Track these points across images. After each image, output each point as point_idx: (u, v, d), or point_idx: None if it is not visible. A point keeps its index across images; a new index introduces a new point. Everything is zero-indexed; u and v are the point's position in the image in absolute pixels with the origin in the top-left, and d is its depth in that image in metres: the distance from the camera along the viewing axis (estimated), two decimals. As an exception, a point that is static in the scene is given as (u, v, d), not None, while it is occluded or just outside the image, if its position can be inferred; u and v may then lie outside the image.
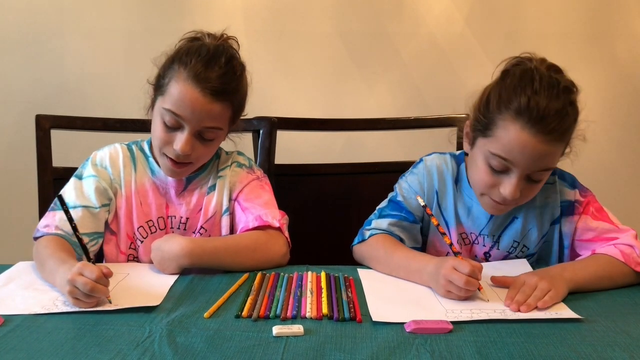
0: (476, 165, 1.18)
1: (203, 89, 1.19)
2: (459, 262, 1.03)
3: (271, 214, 1.29)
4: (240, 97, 1.28)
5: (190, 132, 1.21)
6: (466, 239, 1.29)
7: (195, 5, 2.35)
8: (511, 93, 1.10)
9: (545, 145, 1.08)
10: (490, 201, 1.19)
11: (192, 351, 0.85)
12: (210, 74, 1.19)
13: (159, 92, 1.24)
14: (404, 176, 1.34)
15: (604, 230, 1.22)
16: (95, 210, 1.27)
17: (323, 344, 0.87)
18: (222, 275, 1.17)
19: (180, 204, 1.32)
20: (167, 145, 1.23)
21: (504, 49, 1.24)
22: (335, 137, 2.40)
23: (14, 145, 2.34)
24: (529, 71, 1.11)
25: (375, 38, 2.44)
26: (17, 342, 0.88)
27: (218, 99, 1.20)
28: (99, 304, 1.00)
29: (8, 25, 2.31)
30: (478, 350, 0.86)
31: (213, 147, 1.29)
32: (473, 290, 1.02)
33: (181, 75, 1.20)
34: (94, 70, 2.35)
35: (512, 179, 1.12)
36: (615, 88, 2.50)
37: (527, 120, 1.07)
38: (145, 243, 1.31)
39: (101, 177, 1.31)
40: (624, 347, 0.87)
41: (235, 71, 1.24)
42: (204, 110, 1.19)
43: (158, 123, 1.24)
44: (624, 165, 2.57)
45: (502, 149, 1.10)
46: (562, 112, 1.07)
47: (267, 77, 2.40)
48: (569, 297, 1.05)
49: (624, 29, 2.47)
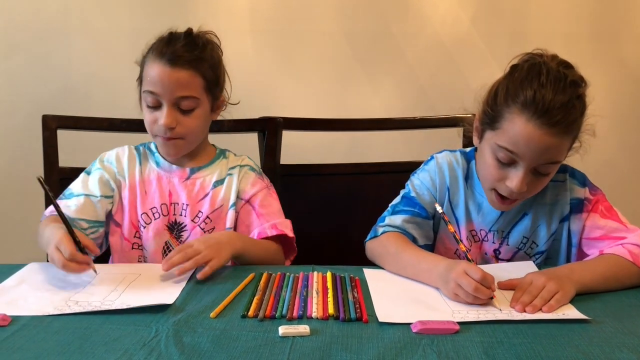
0: (484, 158, 1.19)
1: (167, 61, 1.28)
2: (471, 267, 1.02)
3: (284, 224, 1.36)
4: (209, 66, 1.33)
5: (168, 105, 1.29)
6: (475, 237, 1.29)
7: (200, 5, 2.35)
8: (518, 86, 1.11)
9: (550, 138, 1.09)
10: (497, 197, 1.19)
11: (199, 351, 0.85)
12: (171, 48, 1.29)
13: (140, 83, 1.34)
14: (416, 173, 1.35)
15: (612, 229, 1.21)
16: (95, 198, 1.35)
17: (329, 344, 0.87)
18: (228, 275, 1.17)
19: (183, 191, 1.37)
20: (154, 125, 1.31)
21: (509, 49, 1.25)
22: (341, 137, 2.40)
23: (20, 146, 2.35)
24: (537, 65, 1.12)
25: (380, 38, 2.44)
26: (24, 342, 0.88)
27: (183, 66, 1.28)
28: (85, 270, 1.10)
29: (14, 26, 2.32)
30: (485, 350, 0.86)
31: (197, 118, 1.32)
32: (482, 298, 1.00)
33: (149, 58, 1.31)
34: (100, 70, 2.35)
35: (518, 171, 1.13)
36: (622, 88, 2.49)
37: (532, 113, 1.08)
38: (147, 228, 1.35)
39: (105, 171, 1.38)
40: (631, 348, 0.87)
41: (196, 43, 1.31)
42: (171, 80, 1.27)
43: (144, 108, 1.33)
44: (632, 165, 2.56)
45: (509, 141, 1.11)
46: (567, 105, 1.08)
47: (273, 77, 2.40)
48: (576, 298, 1.04)
49: (630, 28, 2.47)
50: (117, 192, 1.37)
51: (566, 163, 1.30)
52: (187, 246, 1.16)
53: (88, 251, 1.12)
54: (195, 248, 1.15)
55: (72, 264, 1.08)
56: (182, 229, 1.37)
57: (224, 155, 1.44)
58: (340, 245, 1.68)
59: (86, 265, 1.10)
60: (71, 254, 1.08)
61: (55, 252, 1.09)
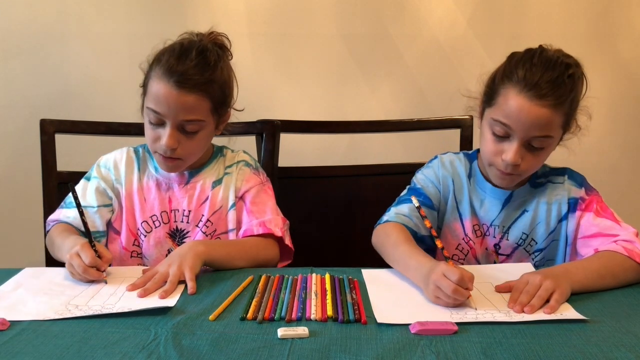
0: (483, 135, 1.26)
1: (174, 83, 1.21)
2: (448, 269, 1.02)
3: (274, 222, 1.32)
4: (218, 87, 1.27)
5: (172, 126, 1.24)
6: (478, 231, 1.33)
7: (198, 9, 2.36)
8: (513, 67, 1.21)
9: (540, 109, 1.16)
10: (497, 171, 1.25)
11: (198, 353, 0.85)
12: (181, 67, 1.22)
13: (144, 93, 1.29)
14: (420, 171, 1.40)
15: (606, 227, 1.23)
16: (93, 209, 1.33)
17: (328, 346, 0.88)
18: (227, 277, 1.17)
19: (184, 197, 1.35)
20: (155, 143, 1.27)
21: (506, 51, 1.27)
22: (339, 139, 2.40)
23: (18, 150, 2.35)
24: (533, 49, 1.22)
25: (378, 40, 2.44)
26: (23, 346, 0.88)
27: (190, 90, 1.22)
28: (96, 281, 1.13)
29: (11, 30, 2.31)
30: (483, 351, 0.86)
31: (200, 140, 1.29)
32: (461, 299, 1.01)
33: (157, 73, 1.24)
34: (97, 74, 2.35)
35: (512, 144, 1.19)
36: (619, 89, 2.50)
37: (523, 86, 1.17)
38: (148, 237, 1.34)
39: (102, 179, 1.36)
40: (629, 348, 0.87)
41: (207, 62, 1.25)
42: (178, 103, 1.22)
43: (146, 122, 1.29)
44: (628, 165, 2.56)
45: (502, 114, 1.19)
46: (556, 81, 1.16)
47: (271, 80, 2.41)
48: (573, 298, 1.05)
49: (627, 29, 2.47)
50: (115, 200, 1.36)
51: (563, 164, 1.34)
52: (153, 272, 1.13)
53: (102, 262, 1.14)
54: (162, 272, 1.12)
55: (92, 270, 1.11)
56: (184, 236, 1.35)
57: (221, 153, 1.42)
58: (339, 247, 1.68)
59: (102, 272, 1.13)
60: (92, 260, 1.11)
61: (75, 257, 1.11)
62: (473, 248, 1.33)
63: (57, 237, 1.26)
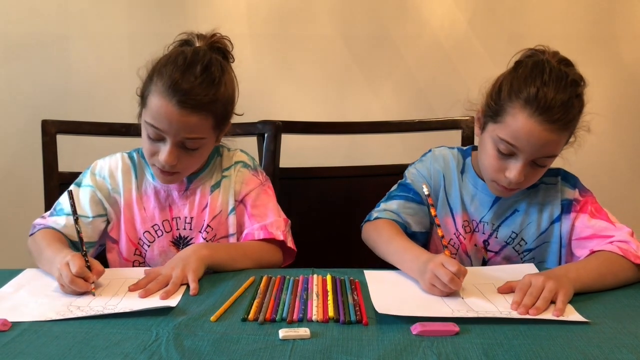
0: (485, 148, 1.24)
1: (177, 102, 1.17)
2: (447, 260, 1.06)
3: (276, 224, 1.31)
4: (222, 104, 1.24)
5: (172, 143, 1.21)
6: (467, 227, 1.33)
7: (199, 10, 2.36)
8: (522, 83, 1.17)
9: (550, 134, 1.14)
10: (498, 187, 1.24)
11: (199, 354, 0.85)
12: (185, 85, 1.17)
13: (143, 104, 1.24)
14: (413, 164, 1.40)
15: (601, 228, 1.24)
16: (88, 219, 1.30)
17: (329, 347, 0.88)
18: (228, 278, 1.18)
19: (184, 204, 1.33)
20: (153, 156, 1.24)
21: (507, 51, 1.27)
22: (340, 140, 2.40)
23: (20, 151, 2.35)
24: (541, 63, 1.18)
25: (378, 41, 2.44)
26: (24, 347, 0.88)
27: (194, 111, 1.18)
28: (84, 293, 1.07)
29: (13, 30, 2.32)
30: (485, 352, 0.86)
31: (200, 155, 1.28)
32: (455, 289, 1.05)
33: (158, 87, 1.19)
34: (99, 74, 2.36)
35: (517, 163, 1.18)
36: (619, 89, 2.50)
37: (534, 109, 1.13)
38: (152, 247, 1.32)
39: (98, 188, 1.32)
40: (631, 349, 0.87)
41: (212, 79, 1.20)
42: (180, 123, 1.18)
43: (144, 134, 1.25)
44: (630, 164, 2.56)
45: (510, 134, 1.17)
46: (567, 104, 1.14)
47: (272, 80, 2.41)
48: (574, 299, 1.05)
49: (628, 30, 2.47)
50: (111, 210, 1.32)
51: (563, 164, 1.33)
52: (156, 273, 1.13)
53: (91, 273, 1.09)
54: (165, 274, 1.12)
55: (79, 280, 1.06)
56: (188, 243, 1.32)
57: (218, 153, 1.38)
58: (340, 247, 1.68)
59: (91, 284, 1.08)
60: (79, 270, 1.06)
61: (64, 267, 1.07)
62: (463, 243, 1.33)
63: (44, 244, 1.21)
